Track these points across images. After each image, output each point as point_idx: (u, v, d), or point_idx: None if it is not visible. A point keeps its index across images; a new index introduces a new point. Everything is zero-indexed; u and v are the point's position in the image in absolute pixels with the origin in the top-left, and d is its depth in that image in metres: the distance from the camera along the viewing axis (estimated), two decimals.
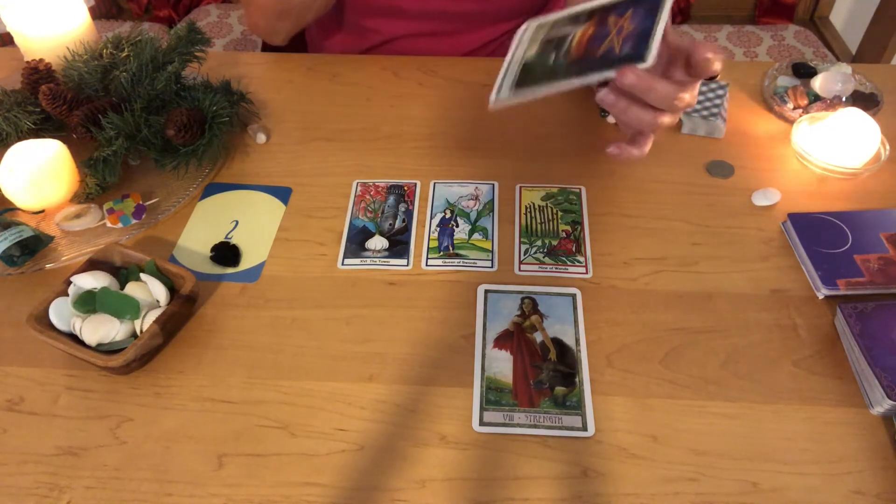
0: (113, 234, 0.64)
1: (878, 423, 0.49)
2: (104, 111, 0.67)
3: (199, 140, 0.68)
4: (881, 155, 0.67)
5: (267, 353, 0.55)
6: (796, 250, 0.61)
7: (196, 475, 0.47)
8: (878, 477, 0.46)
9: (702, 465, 0.47)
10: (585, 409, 0.50)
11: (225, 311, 0.58)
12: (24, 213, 0.65)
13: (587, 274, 0.60)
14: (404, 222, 0.65)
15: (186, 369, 0.54)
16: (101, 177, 0.65)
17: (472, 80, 0.83)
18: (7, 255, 0.59)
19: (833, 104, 0.74)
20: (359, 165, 0.72)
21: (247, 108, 0.79)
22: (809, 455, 0.48)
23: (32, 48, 0.80)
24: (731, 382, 0.52)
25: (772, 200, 0.66)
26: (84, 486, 0.47)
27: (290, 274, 0.61)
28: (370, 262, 0.62)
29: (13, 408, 0.52)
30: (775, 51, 1.42)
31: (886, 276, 0.56)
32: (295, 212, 0.67)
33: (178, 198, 0.68)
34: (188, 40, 0.75)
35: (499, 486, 0.46)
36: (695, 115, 0.74)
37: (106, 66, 0.73)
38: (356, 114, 0.79)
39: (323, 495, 0.46)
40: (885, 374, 0.49)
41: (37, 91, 0.70)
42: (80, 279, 0.55)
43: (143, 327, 0.53)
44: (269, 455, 0.48)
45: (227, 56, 0.90)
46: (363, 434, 0.49)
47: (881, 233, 0.60)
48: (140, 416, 0.51)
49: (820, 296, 0.57)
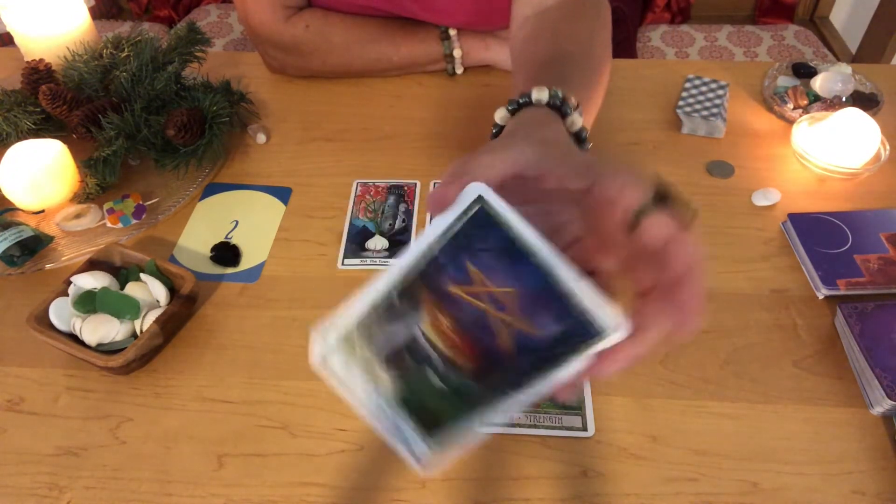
0: (113, 234, 0.64)
1: (877, 423, 0.49)
2: (104, 111, 0.67)
3: (199, 140, 0.68)
4: (881, 155, 0.67)
5: (267, 353, 0.55)
6: (796, 250, 0.61)
7: (196, 475, 0.47)
8: (878, 477, 0.46)
9: (702, 465, 0.47)
10: (585, 409, 0.50)
11: (225, 311, 0.58)
12: (24, 213, 0.65)
13: None
14: (404, 222, 0.65)
15: (186, 369, 0.54)
16: (101, 177, 0.65)
17: (472, 80, 0.83)
18: (7, 255, 0.59)
19: (833, 104, 0.74)
20: (359, 165, 0.72)
21: (247, 108, 0.79)
22: (809, 455, 0.48)
23: (32, 48, 0.80)
24: (731, 382, 0.52)
25: (772, 200, 0.66)
26: (84, 486, 0.47)
27: (290, 274, 0.61)
28: (370, 262, 0.62)
29: (13, 408, 0.52)
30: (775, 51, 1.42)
31: (886, 276, 0.56)
32: (295, 212, 0.67)
33: (178, 198, 0.68)
34: (188, 40, 0.75)
35: (499, 486, 0.46)
36: (695, 115, 0.74)
37: (106, 66, 0.73)
38: (356, 114, 0.79)
39: (323, 495, 0.46)
40: (885, 374, 0.49)
41: (37, 91, 0.70)
42: (80, 279, 0.55)
43: (143, 327, 0.53)
44: (269, 455, 0.48)
45: (227, 56, 0.90)
46: (363, 434, 0.49)
47: (881, 233, 0.60)
48: (140, 416, 0.51)
49: (820, 296, 0.57)
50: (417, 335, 0.32)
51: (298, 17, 0.80)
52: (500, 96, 0.81)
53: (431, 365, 0.32)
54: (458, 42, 0.81)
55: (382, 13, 0.80)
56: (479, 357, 0.31)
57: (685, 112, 0.75)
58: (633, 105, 0.79)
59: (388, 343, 0.33)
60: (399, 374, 0.33)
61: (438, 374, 0.32)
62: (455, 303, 0.31)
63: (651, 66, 0.87)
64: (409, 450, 0.33)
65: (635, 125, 0.76)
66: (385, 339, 0.32)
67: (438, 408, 0.32)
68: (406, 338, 0.32)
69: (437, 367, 0.32)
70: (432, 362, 0.32)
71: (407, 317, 0.32)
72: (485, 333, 0.31)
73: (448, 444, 0.32)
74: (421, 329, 0.32)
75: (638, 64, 0.89)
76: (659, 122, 0.76)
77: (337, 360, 0.33)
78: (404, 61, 0.81)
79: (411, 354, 0.32)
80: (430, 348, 0.32)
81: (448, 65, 0.82)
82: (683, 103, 0.76)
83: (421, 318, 0.32)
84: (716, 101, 0.76)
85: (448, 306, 0.31)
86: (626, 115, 0.77)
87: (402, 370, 0.33)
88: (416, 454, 0.33)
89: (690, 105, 0.76)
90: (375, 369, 0.33)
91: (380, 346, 0.33)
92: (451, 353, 0.32)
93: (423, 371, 0.32)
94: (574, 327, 0.29)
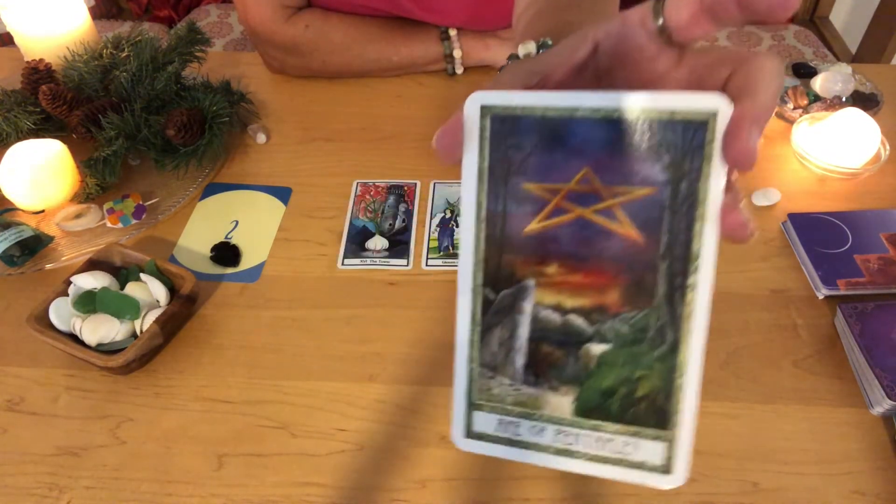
0: (113, 234, 0.64)
1: (877, 423, 0.49)
2: (104, 111, 0.67)
3: (199, 140, 0.68)
4: (881, 155, 0.67)
5: (267, 353, 0.55)
6: (796, 250, 0.61)
7: (196, 475, 0.47)
8: (878, 477, 0.46)
9: (702, 465, 0.47)
10: None
11: (225, 311, 0.58)
12: (24, 213, 0.65)
13: None
14: (404, 222, 0.65)
15: (186, 369, 0.54)
16: (101, 177, 0.65)
17: (472, 80, 0.83)
18: (7, 255, 0.59)
19: (833, 104, 0.74)
20: (359, 165, 0.72)
21: (247, 108, 0.79)
22: (809, 455, 0.48)
23: (32, 48, 0.80)
24: (731, 382, 0.52)
25: (772, 200, 0.65)
26: (84, 486, 0.47)
27: (290, 274, 0.61)
28: (370, 262, 0.62)
29: (13, 408, 0.52)
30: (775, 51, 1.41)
31: (886, 276, 0.56)
32: (295, 212, 0.67)
33: (178, 198, 0.68)
34: (188, 40, 0.75)
35: (499, 486, 0.46)
36: None
37: (106, 66, 0.73)
38: (356, 114, 0.79)
39: (323, 495, 0.46)
40: (885, 374, 0.49)
41: (37, 91, 0.70)
42: (80, 279, 0.55)
43: (143, 327, 0.53)
44: (269, 455, 0.48)
45: (227, 56, 0.90)
46: (363, 434, 0.49)
47: (881, 233, 0.60)
48: (140, 416, 0.51)
49: (820, 296, 0.57)
50: (537, 313, 0.25)
51: (298, 17, 0.80)
52: None
53: (577, 332, 0.24)
54: (458, 42, 0.81)
55: (382, 13, 0.80)
56: (616, 273, 0.24)
57: None
58: None
59: (512, 355, 0.25)
60: (552, 382, 0.25)
61: (594, 337, 0.24)
62: (544, 238, 0.24)
63: None
64: (642, 468, 0.24)
65: None
66: (505, 355, 0.25)
67: (629, 379, 0.24)
68: (529, 330, 0.25)
69: (585, 331, 0.24)
70: (575, 328, 0.24)
71: (512, 307, 0.25)
72: (599, 241, 0.24)
73: (678, 420, 0.23)
74: (535, 303, 0.25)
75: None
76: None
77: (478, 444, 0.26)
78: (404, 61, 0.81)
79: (548, 342, 0.25)
80: (560, 314, 0.24)
81: (448, 65, 0.82)
82: None
83: (525, 292, 0.25)
84: None
85: (540, 249, 0.24)
86: None
87: (554, 371, 0.25)
88: (653, 466, 0.24)
89: None
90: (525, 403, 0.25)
91: (511, 373, 0.25)
92: (587, 299, 0.24)
93: (576, 351, 0.24)
94: (680, 142, 0.22)
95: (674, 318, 0.23)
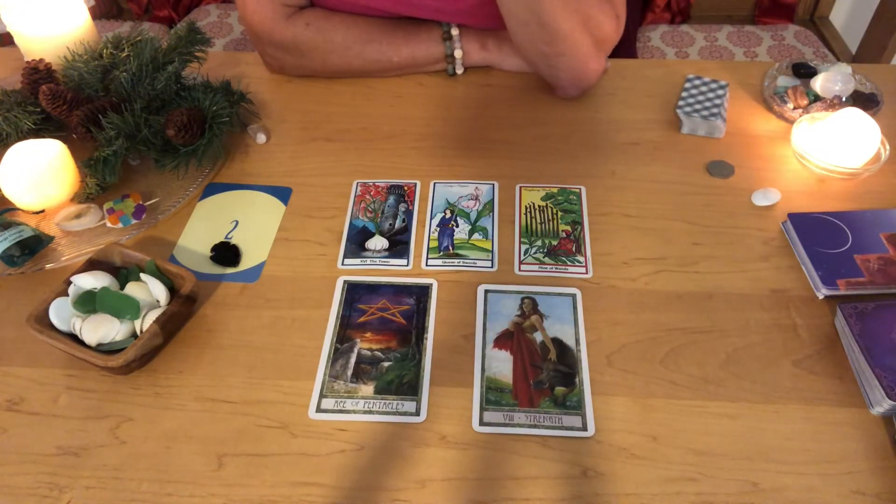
0: (113, 234, 0.64)
1: (877, 423, 0.49)
2: (104, 111, 0.67)
3: (199, 140, 0.68)
4: (881, 155, 0.67)
5: (267, 353, 0.55)
6: (796, 250, 0.61)
7: (196, 475, 0.47)
8: (878, 477, 0.46)
9: (702, 465, 0.47)
10: (585, 409, 0.50)
11: (225, 311, 0.58)
12: (24, 213, 0.65)
13: (587, 274, 0.60)
14: (404, 222, 0.65)
15: (186, 369, 0.54)
16: (101, 177, 0.65)
17: (472, 80, 0.83)
18: (7, 255, 0.59)
19: (833, 104, 0.74)
20: (359, 165, 0.72)
21: (247, 108, 0.79)
22: (809, 455, 0.48)
23: (32, 48, 0.80)
24: (731, 382, 0.52)
25: (772, 200, 0.66)
26: (84, 486, 0.47)
27: (290, 274, 0.61)
28: (370, 262, 0.62)
29: (13, 408, 0.52)
30: (775, 51, 1.41)
31: (886, 276, 0.56)
32: (295, 212, 0.67)
33: (178, 198, 0.68)
34: (188, 40, 0.75)
35: (499, 486, 0.46)
36: (695, 115, 0.74)
37: (106, 66, 0.73)
38: (356, 114, 0.79)
39: (323, 495, 0.46)
40: (885, 374, 0.49)
41: (37, 91, 0.70)
42: (80, 279, 0.55)
43: (143, 327, 0.53)
44: (269, 455, 0.48)
45: (227, 56, 0.90)
46: (363, 434, 0.49)
47: (881, 233, 0.60)
48: (140, 416, 0.51)
49: (820, 296, 0.57)
50: (360, 351, 0.54)
51: (299, 16, 0.80)
52: (501, 96, 0.81)
53: (378, 358, 0.54)
54: (459, 42, 0.81)
55: (383, 13, 0.80)
56: (394, 335, 0.55)
57: (685, 112, 0.75)
58: (632, 105, 0.79)
59: (346, 370, 0.53)
60: (364, 380, 0.52)
61: (385, 360, 0.53)
62: (364, 324, 0.56)
63: (651, 66, 0.87)
64: (405, 414, 0.50)
65: (635, 125, 0.76)
66: (341, 370, 0.53)
67: (399, 376, 0.52)
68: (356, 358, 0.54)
69: (381, 357, 0.54)
70: (377, 357, 0.54)
71: (349, 350, 0.54)
72: (388, 323, 0.55)
73: (421, 391, 0.51)
74: (358, 347, 0.54)
75: (638, 64, 0.89)
76: (659, 122, 0.76)
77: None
78: (405, 61, 0.81)
79: (363, 363, 0.53)
80: (370, 351, 0.54)
81: (449, 65, 0.82)
82: (683, 103, 0.76)
83: (355, 344, 0.55)
84: (716, 101, 0.76)
85: (363, 328, 0.55)
86: (625, 115, 0.77)
87: (365, 375, 0.53)
88: (411, 412, 0.50)
89: (690, 105, 0.76)
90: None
91: (344, 378, 0.53)
92: (382, 345, 0.54)
93: (377, 366, 0.53)
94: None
95: (419, 350, 0.54)
